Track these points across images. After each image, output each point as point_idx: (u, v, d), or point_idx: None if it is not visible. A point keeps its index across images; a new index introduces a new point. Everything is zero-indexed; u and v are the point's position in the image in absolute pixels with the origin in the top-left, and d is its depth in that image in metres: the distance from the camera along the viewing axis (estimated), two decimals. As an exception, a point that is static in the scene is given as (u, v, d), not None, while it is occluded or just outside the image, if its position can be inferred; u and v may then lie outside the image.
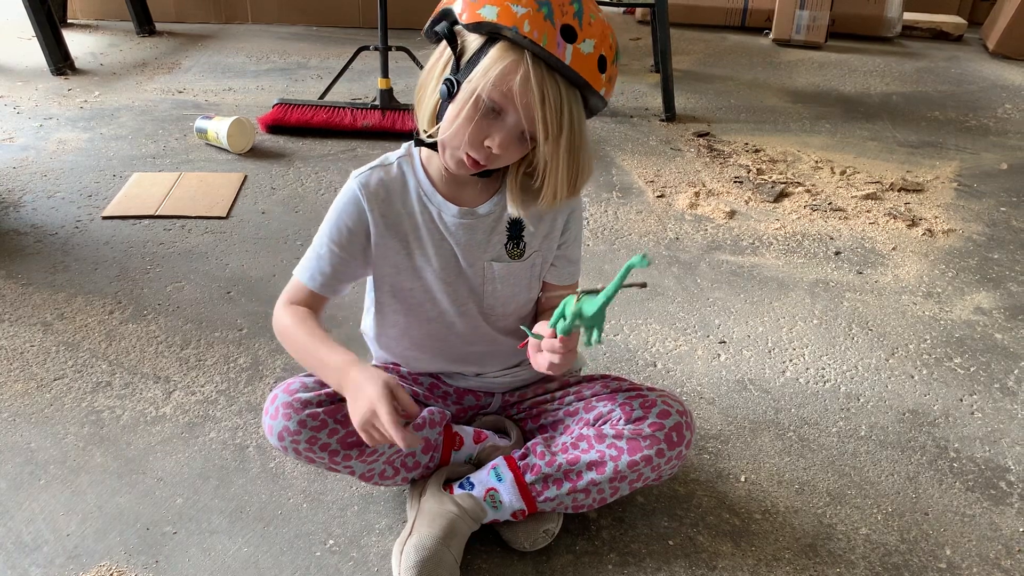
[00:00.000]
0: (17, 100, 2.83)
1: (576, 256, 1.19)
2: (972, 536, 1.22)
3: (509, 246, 1.11)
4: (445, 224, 1.09)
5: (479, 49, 0.94)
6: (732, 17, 4.22)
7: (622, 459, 1.09)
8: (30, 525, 1.16)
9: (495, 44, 0.92)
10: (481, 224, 1.09)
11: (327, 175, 2.32)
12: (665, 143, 2.69)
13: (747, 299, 1.81)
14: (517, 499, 1.11)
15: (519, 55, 0.91)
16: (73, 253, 1.87)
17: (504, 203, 1.08)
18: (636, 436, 1.09)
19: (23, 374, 1.47)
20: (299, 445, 1.05)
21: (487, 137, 0.95)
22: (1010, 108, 3.23)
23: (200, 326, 1.62)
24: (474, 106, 0.94)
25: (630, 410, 1.11)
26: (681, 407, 1.11)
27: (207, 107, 2.83)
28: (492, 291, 1.13)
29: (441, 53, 1.00)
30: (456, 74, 0.96)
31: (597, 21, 0.93)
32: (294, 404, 1.05)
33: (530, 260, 1.13)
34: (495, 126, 0.95)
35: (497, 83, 0.92)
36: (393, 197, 1.08)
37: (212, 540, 1.15)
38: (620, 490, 1.12)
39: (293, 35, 3.85)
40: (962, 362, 1.63)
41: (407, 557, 1.06)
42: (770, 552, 1.17)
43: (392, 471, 1.14)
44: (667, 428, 1.09)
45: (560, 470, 1.11)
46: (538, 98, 0.91)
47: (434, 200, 1.08)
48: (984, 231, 2.19)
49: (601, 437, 1.10)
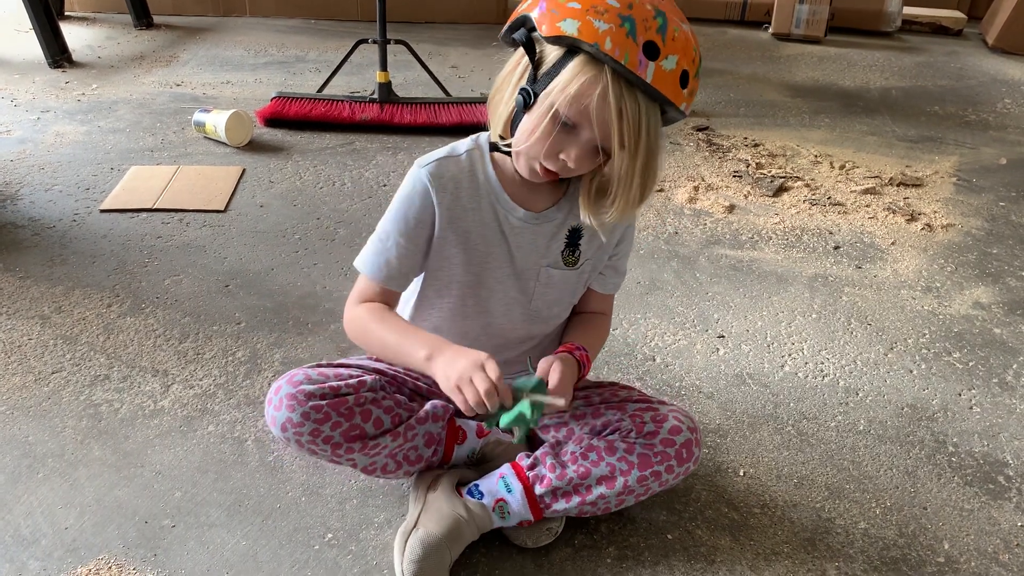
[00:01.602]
0: (14, 93, 2.82)
1: (624, 268, 1.19)
2: (970, 530, 1.22)
3: (566, 253, 1.11)
4: (510, 225, 1.07)
5: (557, 61, 0.91)
6: (732, 11, 4.22)
7: (632, 473, 1.08)
8: (28, 518, 1.16)
9: (574, 57, 0.90)
10: (544, 229, 1.08)
11: (325, 168, 2.32)
12: (664, 137, 2.68)
13: (746, 293, 1.81)
14: (526, 511, 1.11)
15: (599, 70, 0.88)
16: (71, 246, 1.87)
17: (568, 210, 1.08)
18: (648, 451, 1.08)
19: (21, 367, 1.47)
20: (302, 437, 1.04)
21: (562, 151, 0.95)
22: (1009, 103, 3.23)
23: (198, 319, 1.62)
24: (552, 121, 0.92)
25: (641, 423, 1.10)
26: (692, 423, 1.11)
27: (205, 100, 2.82)
28: (542, 295, 1.13)
29: (518, 61, 0.97)
30: (533, 84, 0.94)
31: (681, 34, 0.90)
32: (298, 396, 1.04)
33: (582, 268, 1.13)
34: (571, 140, 0.94)
35: (575, 99, 0.90)
36: (461, 191, 1.06)
37: (210, 533, 1.15)
38: (626, 502, 1.12)
39: (291, 28, 3.84)
40: (961, 356, 1.63)
41: (411, 550, 1.06)
42: (769, 546, 1.17)
43: (394, 465, 1.14)
44: (678, 445, 1.09)
45: (571, 484, 1.10)
46: (615, 114, 0.89)
47: (501, 200, 1.07)
48: (983, 226, 2.19)
49: (612, 450, 1.10)
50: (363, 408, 1.07)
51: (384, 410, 1.09)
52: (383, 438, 1.09)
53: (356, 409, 1.06)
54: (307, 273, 1.79)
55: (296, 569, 1.10)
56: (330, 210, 2.07)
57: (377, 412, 1.08)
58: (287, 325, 1.61)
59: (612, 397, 1.17)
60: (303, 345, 1.55)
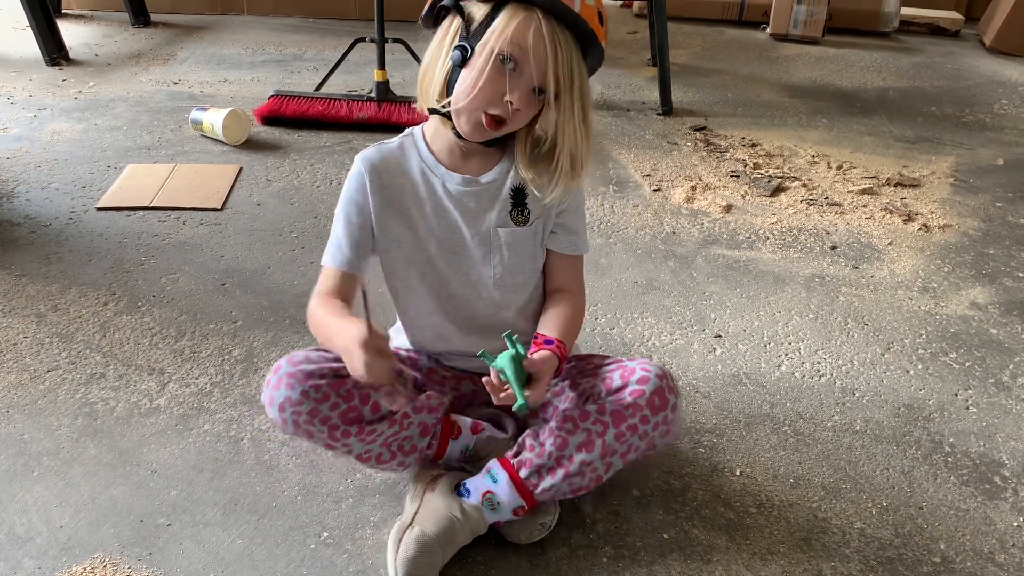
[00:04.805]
0: (11, 90, 2.82)
1: (576, 228, 1.19)
2: (966, 530, 1.22)
3: (514, 213, 1.14)
4: (449, 193, 1.13)
5: (488, 14, 1.00)
6: (730, 11, 4.22)
7: (608, 432, 1.09)
8: (23, 517, 1.16)
9: (505, 6, 0.99)
10: (485, 192, 1.13)
11: (322, 167, 2.32)
12: (662, 137, 2.69)
13: (743, 293, 1.81)
14: (515, 497, 1.11)
15: (529, 11, 0.98)
16: (67, 244, 1.86)
17: (507, 171, 1.13)
18: (619, 407, 1.09)
19: (16, 365, 1.46)
20: (300, 417, 1.05)
21: (505, 93, 1.00)
22: (1006, 104, 3.24)
23: (194, 318, 1.62)
24: (495, 65, 0.99)
25: (610, 382, 1.12)
26: (660, 371, 1.11)
27: (202, 98, 2.82)
28: (500, 259, 1.16)
29: (446, 30, 1.05)
30: (467, 40, 1.01)
31: None
32: (298, 375, 1.05)
33: (534, 227, 1.15)
34: (513, 81, 1.00)
35: (513, 38, 0.98)
36: (393, 169, 1.13)
37: (206, 532, 1.14)
38: (614, 465, 1.11)
39: (289, 26, 3.84)
40: (957, 357, 1.63)
41: (406, 548, 1.05)
42: (765, 546, 1.17)
43: (389, 454, 1.14)
44: (648, 394, 1.09)
45: (551, 458, 1.10)
46: (550, 48, 0.98)
47: (437, 171, 1.13)
48: (980, 226, 2.19)
49: (585, 415, 1.10)
50: (361, 391, 1.08)
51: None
52: (380, 424, 1.09)
53: (355, 392, 1.08)
54: (304, 272, 1.79)
55: (292, 568, 1.10)
56: (327, 208, 2.07)
57: (375, 396, 1.09)
58: (283, 324, 1.61)
59: (587, 366, 1.18)
60: (299, 344, 1.55)
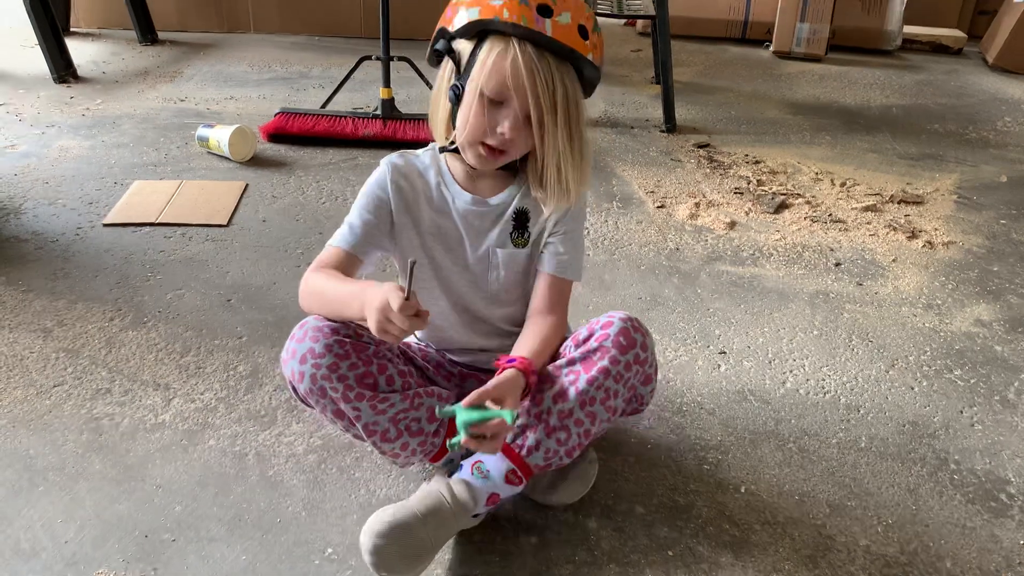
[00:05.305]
0: (19, 108, 2.84)
1: (565, 251, 1.20)
2: (972, 548, 1.21)
3: (515, 235, 1.19)
4: (457, 210, 1.18)
5: (472, 51, 1.04)
6: (733, 29, 4.24)
7: (580, 379, 1.11)
8: (28, 532, 1.16)
9: (485, 40, 1.03)
10: (490, 212, 1.18)
11: (328, 184, 2.33)
12: (665, 154, 2.70)
13: (747, 310, 1.81)
14: (500, 459, 1.12)
15: (506, 42, 1.01)
16: (74, 260, 1.87)
17: (515, 194, 1.17)
18: (587, 354, 1.12)
19: (23, 380, 1.47)
20: (319, 371, 1.06)
21: (497, 124, 1.05)
22: (1009, 121, 3.24)
23: (200, 334, 1.62)
24: (480, 101, 1.04)
25: (578, 336, 1.16)
26: (625, 315, 1.14)
27: (209, 116, 2.84)
28: (496, 277, 1.20)
29: (444, 68, 1.11)
30: (459, 79, 1.06)
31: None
32: (324, 329, 1.08)
33: (530, 249, 1.20)
34: (502, 113, 1.05)
35: (492, 73, 1.02)
36: (413, 178, 1.18)
37: (211, 548, 1.14)
38: (598, 415, 1.12)
39: (295, 44, 3.87)
40: (962, 374, 1.63)
41: (373, 519, 1.07)
42: (770, 563, 1.17)
43: (395, 432, 1.13)
44: (613, 335, 1.11)
45: (531, 415, 1.12)
46: (527, 76, 1.00)
47: (451, 188, 1.19)
48: (984, 243, 2.19)
49: (557, 369, 1.13)
50: (380, 361, 1.11)
51: (398, 372, 1.13)
52: (392, 395, 1.11)
53: (374, 359, 1.10)
54: (309, 288, 1.80)
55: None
56: (333, 225, 2.06)
57: (392, 370, 1.12)
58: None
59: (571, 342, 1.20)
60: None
